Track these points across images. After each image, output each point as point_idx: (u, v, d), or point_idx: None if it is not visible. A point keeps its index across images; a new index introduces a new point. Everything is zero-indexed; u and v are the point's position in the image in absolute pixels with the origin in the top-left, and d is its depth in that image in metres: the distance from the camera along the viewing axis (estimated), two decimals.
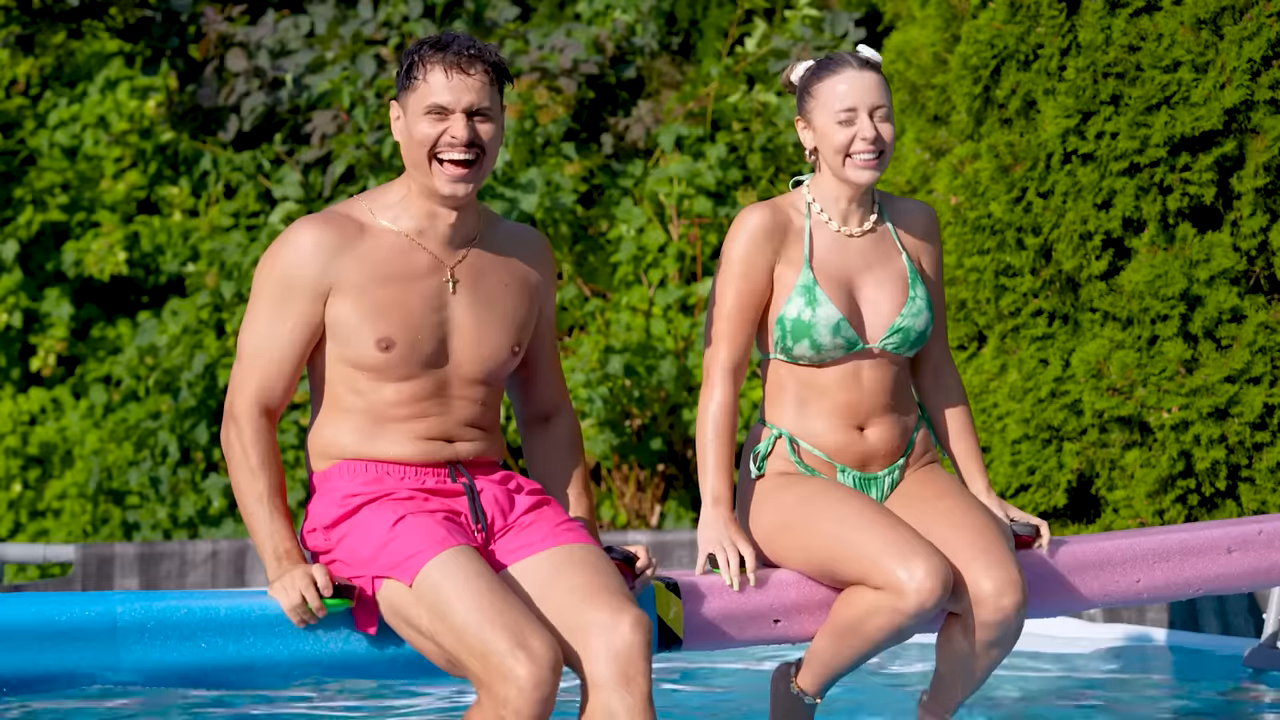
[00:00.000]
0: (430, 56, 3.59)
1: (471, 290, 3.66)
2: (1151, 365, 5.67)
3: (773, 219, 3.94)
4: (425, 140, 3.59)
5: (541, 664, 3.31)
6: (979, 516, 3.87)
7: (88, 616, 3.41)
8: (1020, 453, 5.91)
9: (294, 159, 9.21)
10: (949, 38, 6.56)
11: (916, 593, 3.66)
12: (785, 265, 3.93)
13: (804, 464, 3.94)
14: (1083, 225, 5.83)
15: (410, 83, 3.61)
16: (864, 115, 3.89)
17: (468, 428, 3.67)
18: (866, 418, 3.95)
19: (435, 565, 3.42)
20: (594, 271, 8.60)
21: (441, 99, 3.58)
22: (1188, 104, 5.70)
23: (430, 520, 3.51)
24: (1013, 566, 3.77)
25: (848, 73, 3.90)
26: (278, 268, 3.59)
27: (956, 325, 6.23)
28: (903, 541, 3.72)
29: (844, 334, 3.89)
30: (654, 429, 8.11)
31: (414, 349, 3.60)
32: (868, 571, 3.72)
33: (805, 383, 3.94)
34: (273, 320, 3.58)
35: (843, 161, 3.91)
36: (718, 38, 9.38)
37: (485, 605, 3.36)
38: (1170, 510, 5.68)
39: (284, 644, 3.51)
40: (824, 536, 3.81)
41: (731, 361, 3.94)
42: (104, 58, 9.90)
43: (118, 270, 9.20)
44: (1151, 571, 4.18)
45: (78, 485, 9.00)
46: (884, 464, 3.97)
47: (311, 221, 3.61)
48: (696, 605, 3.81)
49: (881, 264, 3.99)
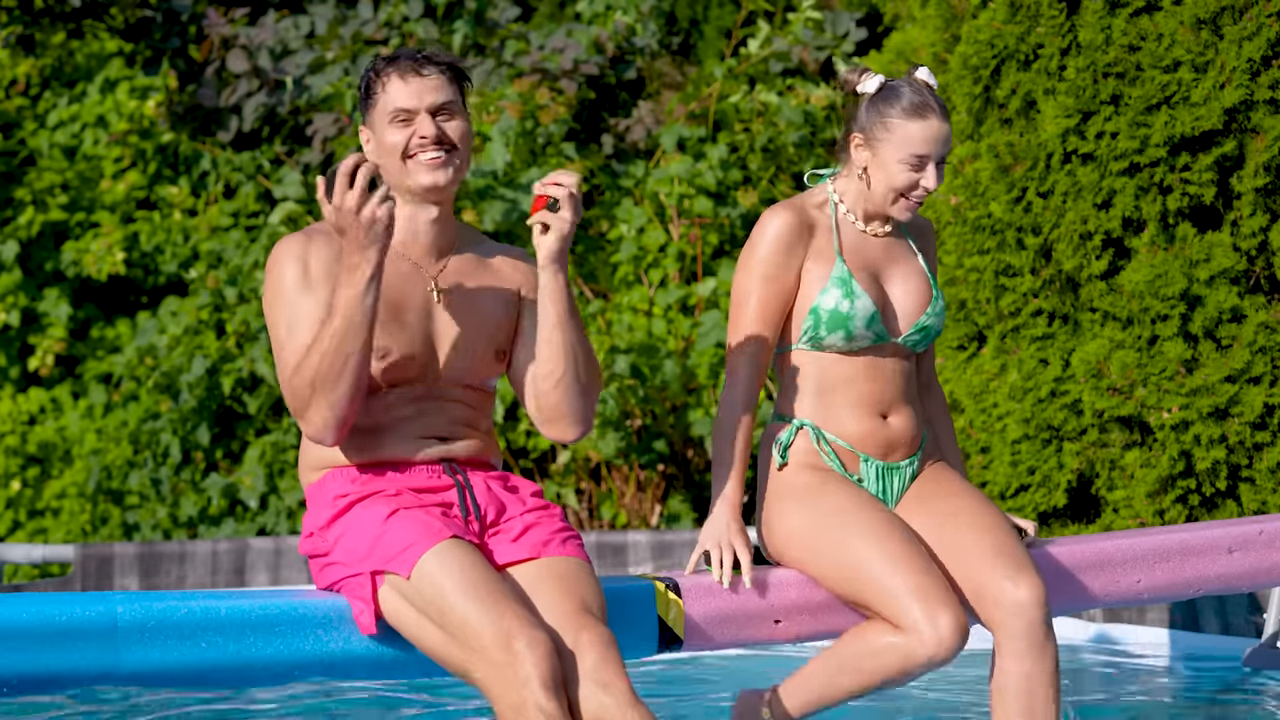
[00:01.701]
0: (384, 69, 3.66)
1: (455, 301, 3.70)
2: (1152, 365, 5.68)
3: (798, 220, 3.96)
4: (396, 147, 3.64)
5: (543, 652, 3.32)
6: (992, 518, 3.89)
7: (88, 616, 3.41)
8: (1020, 453, 5.91)
9: (294, 159, 9.22)
10: (949, 38, 6.56)
11: (937, 644, 3.67)
12: (814, 260, 3.95)
13: (830, 451, 3.93)
14: (1083, 225, 5.84)
15: (371, 99, 3.67)
16: (932, 165, 3.91)
17: (460, 426, 3.69)
18: (890, 405, 3.97)
19: (432, 556, 3.43)
20: (594, 272, 8.60)
21: (403, 103, 3.63)
22: (1188, 104, 5.71)
23: (423, 513, 3.53)
24: (1030, 566, 3.78)
25: (933, 121, 3.90)
26: (285, 268, 3.61)
27: (957, 325, 6.23)
28: (932, 588, 3.71)
29: (876, 326, 3.93)
30: (654, 429, 8.11)
31: (407, 358, 3.63)
32: (890, 610, 3.72)
33: (828, 373, 3.96)
34: (303, 300, 3.58)
35: (893, 199, 3.94)
36: (718, 38, 9.38)
37: (484, 595, 3.37)
38: (1170, 510, 5.68)
39: (285, 644, 3.51)
40: (852, 560, 3.80)
41: (756, 361, 3.94)
42: (104, 58, 9.90)
43: (116, 270, 9.20)
44: (1152, 571, 4.18)
45: (77, 485, 9.00)
46: (906, 453, 3.98)
47: (303, 234, 3.64)
48: (696, 605, 3.81)
49: (903, 262, 4.04)
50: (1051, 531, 5.93)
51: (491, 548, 3.62)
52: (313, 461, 3.68)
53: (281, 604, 3.53)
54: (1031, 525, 4.11)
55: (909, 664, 3.70)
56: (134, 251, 9.37)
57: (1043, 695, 3.75)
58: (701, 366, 8.01)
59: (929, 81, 3.96)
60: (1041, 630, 3.74)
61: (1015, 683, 3.74)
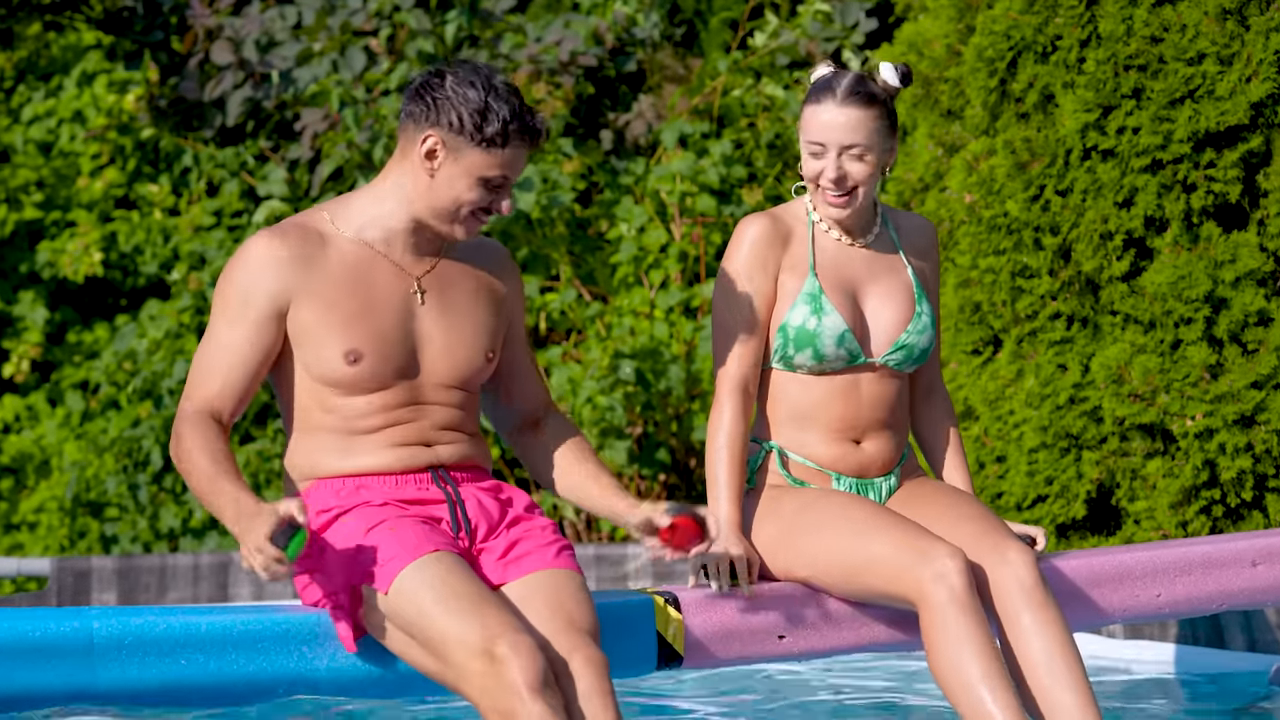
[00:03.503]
0: (511, 125, 3.59)
1: (440, 300, 3.70)
2: (1175, 370, 5.68)
3: (773, 227, 3.98)
4: (465, 204, 3.64)
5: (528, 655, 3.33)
6: (977, 508, 3.93)
7: (63, 633, 3.41)
8: (1037, 462, 5.92)
9: (279, 155, 9.23)
10: (963, 29, 6.57)
11: (945, 573, 3.67)
12: (788, 273, 3.96)
13: (793, 477, 3.97)
14: (1103, 224, 5.84)
15: (479, 136, 3.59)
16: (831, 153, 3.92)
17: (446, 430, 3.70)
18: (864, 431, 3.98)
19: (411, 571, 3.44)
20: (593, 273, 8.61)
21: (503, 172, 3.62)
22: (1212, 98, 5.72)
23: (406, 525, 3.54)
24: (1015, 539, 3.81)
25: (827, 104, 3.92)
26: (234, 282, 3.62)
27: (971, 329, 6.24)
28: (911, 537, 3.75)
29: (848, 345, 3.93)
30: (656, 437, 8.12)
31: (383, 361, 3.63)
32: (885, 576, 3.74)
33: (801, 396, 3.97)
34: (228, 333, 3.61)
35: (814, 189, 3.98)
36: (723, 29, 9.39)
37: (464, 607, 3.39)
38: (1194, 522, 5.69)
39: (268, 662, 3.52)
40: (829, 548, 3.83)
41: (741, 378, 3.96)
42: (82, 50, 9.92)
43: (94, 272, 9.21)
44: (1173, 585, 4.18)
45: (55, 497, 9.01)
46: (881, 471, 4.00)
47: (269, 235, 3.64)
48: (697, 620, 3.82)
49: (886, 276, 4.03)
50: (1070, 544, 5.94)
51: (485, 561, 3.63)
52: (297, 473, 3.69)
53: (265, 620, 3.54)
54: (1041, 533, 4.10)
55: (944, 615, 3.66)
56: (112, 252, 9.37)
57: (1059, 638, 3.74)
58: (705, 372, 8.02)
59: (886, 78, 3.95)
60: (1040, 590, 3.75)
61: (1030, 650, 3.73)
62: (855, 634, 3.92)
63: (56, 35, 9.97)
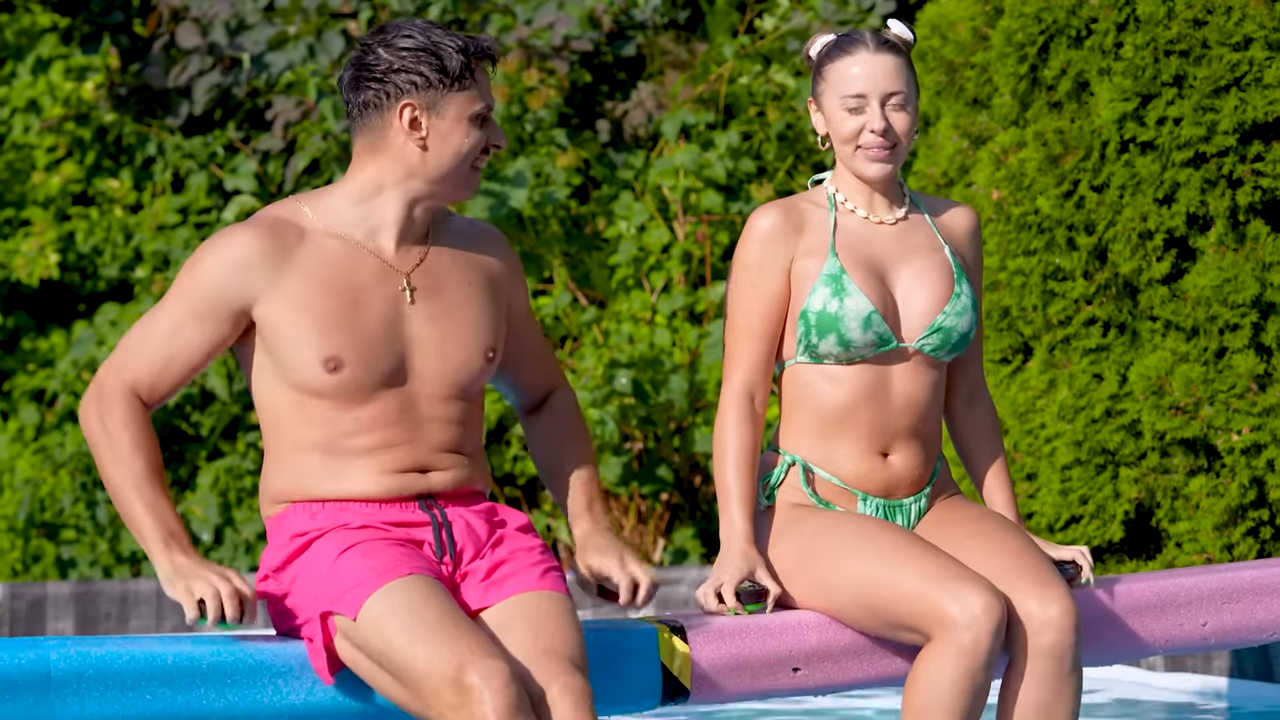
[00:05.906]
0: (469, 50, 3.66)
1: (431, 299, 3.68)
2: (1219, 381, 5.68)
3: (785, 217, 3.97)
4: (468, 152, 3.68)
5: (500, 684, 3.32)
6: (1017, 539, 3.89)
7: (17, 665, 3.40)
8: (1071, 480, 5.92)
9: (250, 146, 9.23)
10: (990, 11, 6.57)
11: (974, 622, 3.65)
12: (805, 258, 3.95)
13: (818, 496, 3.95)
14: (1142, 223, 5.85)
15: (448, 79, 3.64)
16: (874, 103, 3.92)
17: (444, 454, 3.67)
18: (891, 440, 3.96)
19: (379, 597, 3.44)
20: (589, 275, 8.61)
21: (485, 101, 3.68)
22: (1260, 85, 5.72)
23: (379, 549, 3.53)
24: (1060, 585, 3.77)
25: (861, 54, 3.94)
26: (201, 272, 3.61)
27: (999, 335, 6.24)
28: (944, 571, 3.72)
29: (876, 328, 3.90)
30: (657, 453, 8.12)
31: (367, 368, 3.60)
32: (910, 611, 3.72)
33: (827, 396, 3.95)
34: (182, 320, 3.62)
35: (851, 151, 3.96)
36: (730, 12, 9.39)
37: (433, 634, 3.38)
38: (1240, 544, 5.69)
39: (240, 696, 3.51)
40: (850, 575, 3.81)
41: (748, 384, 3.96)
42: (36, 34, 9.91)
43: (50, 274, 9.21)
44: (1219, 614, 4.18)
45: (6, 517, 9.00)
46: (910, 491, 3.99)
47: (244, 229, 3.63)
48: (705, 651, 3.80)
49: (920, 254, 4.00)
50: (1106, 569, 5.94)
51: (467, 586, 3.62)
52: (273, 494, 3.67)
53: (236, 651, 3.53)
54: (1085, 556, 4.06)
55: (965, 663, 3.65)
56: (70, 253, 9.38)
57: (1068, 712, 3.74)
58: (710, 382, 8.02)
59: (899, 33, 3.99)
60: (1069, 658, 3.73)
61: (1027, 714, 3.73)
62: (875, 667, 3.91)
63: (9, 18, 9.97)
